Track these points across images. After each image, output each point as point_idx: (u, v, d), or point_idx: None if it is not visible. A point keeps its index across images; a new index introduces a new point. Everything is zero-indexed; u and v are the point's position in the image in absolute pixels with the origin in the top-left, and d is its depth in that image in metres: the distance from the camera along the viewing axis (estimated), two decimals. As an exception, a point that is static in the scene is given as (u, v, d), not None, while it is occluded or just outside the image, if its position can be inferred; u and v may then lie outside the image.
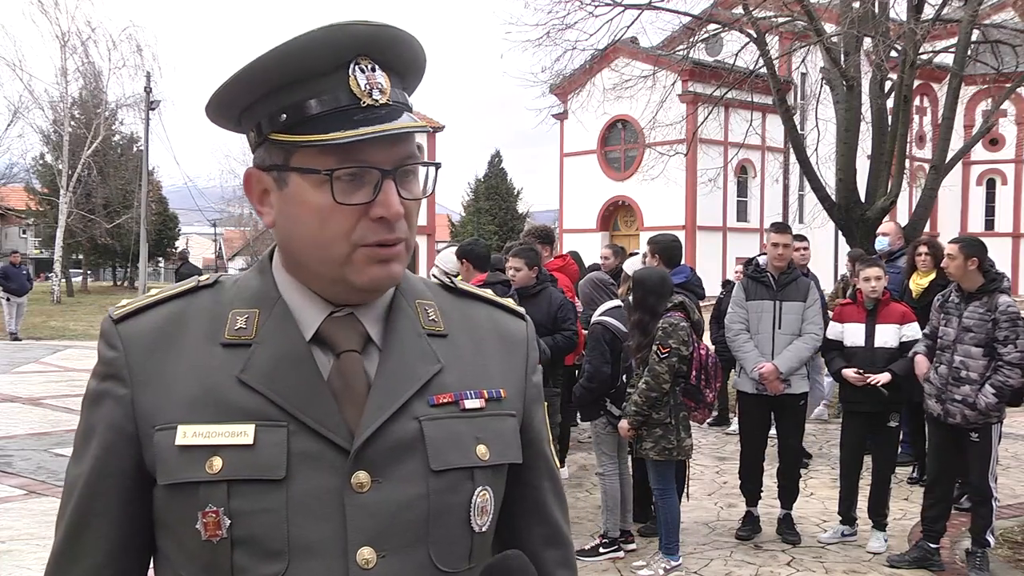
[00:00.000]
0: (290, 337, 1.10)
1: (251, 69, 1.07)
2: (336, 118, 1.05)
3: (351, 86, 1.07)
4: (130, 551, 1.12)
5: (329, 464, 1.06)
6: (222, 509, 1.03)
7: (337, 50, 1.06)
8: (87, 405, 1.13)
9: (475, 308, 1.25)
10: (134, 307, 1.14)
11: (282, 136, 1.08)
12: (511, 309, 1.29)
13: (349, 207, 1.06)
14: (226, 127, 1.17)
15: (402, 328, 1.15)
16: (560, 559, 1.29)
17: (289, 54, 1.06)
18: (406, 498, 1.08)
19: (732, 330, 5.99)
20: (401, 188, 1.08)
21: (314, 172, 1.06)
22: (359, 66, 1.07)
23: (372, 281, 1.09)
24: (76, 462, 1.13)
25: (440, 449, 1.10)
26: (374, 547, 1.05)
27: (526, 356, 1.26)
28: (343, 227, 1.07)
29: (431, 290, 1.23)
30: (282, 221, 1.11)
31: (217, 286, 1.16)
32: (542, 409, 1.29)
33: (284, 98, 1.07)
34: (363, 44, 1.07)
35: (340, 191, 1.06)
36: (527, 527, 1.26)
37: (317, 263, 1.10)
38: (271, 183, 1.11)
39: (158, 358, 1.09)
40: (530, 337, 1.28)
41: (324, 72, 1.07)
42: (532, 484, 1.26)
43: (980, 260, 5.07)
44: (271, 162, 1.10)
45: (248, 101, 1.10)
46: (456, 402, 1.14)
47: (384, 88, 1.09)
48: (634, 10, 13.66)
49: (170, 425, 1.06)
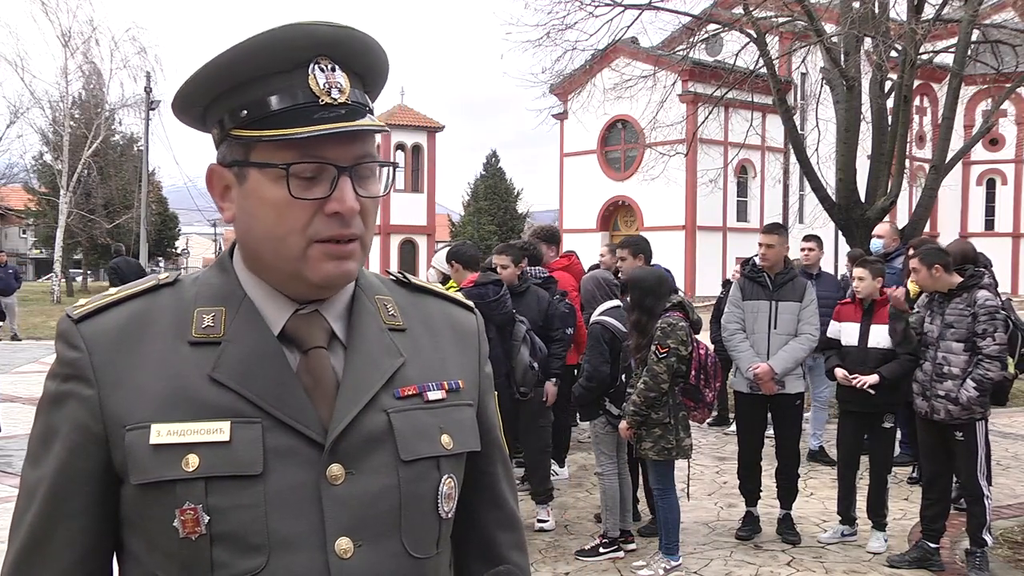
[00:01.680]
0: (259, 334, 1.12)
1: (213, 65, 1.10)
2: (295, 115, 1.08)
3: (310, 84, 1.09)
4: (98, 554, 1.12)
5: (304, 458, 1.08)
6: (200, 506, 1.04)
7: (298, 49, 1.09)
8: (46, 407, 1.12)
9: (428, 302, 1.29)
10: (94, 307, 1.13)
11: (242, 132, 1.10)
12: (461, 303, 1.34)
13: (305, 202, 1.08)
14: (192, 125, 1.19)
15: (365, 324, 1.18)
16: (513, 542, 1.34)
17: (251, 51, 1.08)
18: (379, 488, 1.11)
19: (728, 330, 6.02)
20: (358, 186, 1.11)
21: (272, 166, 1.08)
22: (319, 65, 1.10)
23: (326, 277, 1.11)
24: (34, 465, 1.12)
25: (408, 440, 1.13)
26: (351, 537, 1.08)
27: (478, 348, 1.31)
28: (299, 221, 1.09)
29: (387, 286, 1.27)
30: (241, 216, 1.14)
31: (177, 284, 1.17)
32: (493, 399, 1.34)
33: (245, 94, 1.10)
34: (323, 44, 1.10)
35: (296, 186, 1.08)
36: (482, 511, 1.31)
37: (274, 258, 1.12)
38: (232, 179, 1.13)
39: (124, 358, 1.09)
40: (480, 329, 1.33)
41: (284, 70, 1.09)
42: (487, 470, 1.30)
43: (943, 265, 5.13)
44: (232, 158, 1.13)
45: (210, 98, 1.13)
46: (420, 394, 1.18)
47: (343, 88, 1.11)
48: (634, 10, 13.64)
49: (142, 424, 1.06)
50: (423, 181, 40.27)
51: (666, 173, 18.67)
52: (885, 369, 5.51)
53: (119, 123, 37.74)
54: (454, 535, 1.24)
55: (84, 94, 34.55)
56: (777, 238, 5.93)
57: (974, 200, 35.75)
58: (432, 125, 40.68)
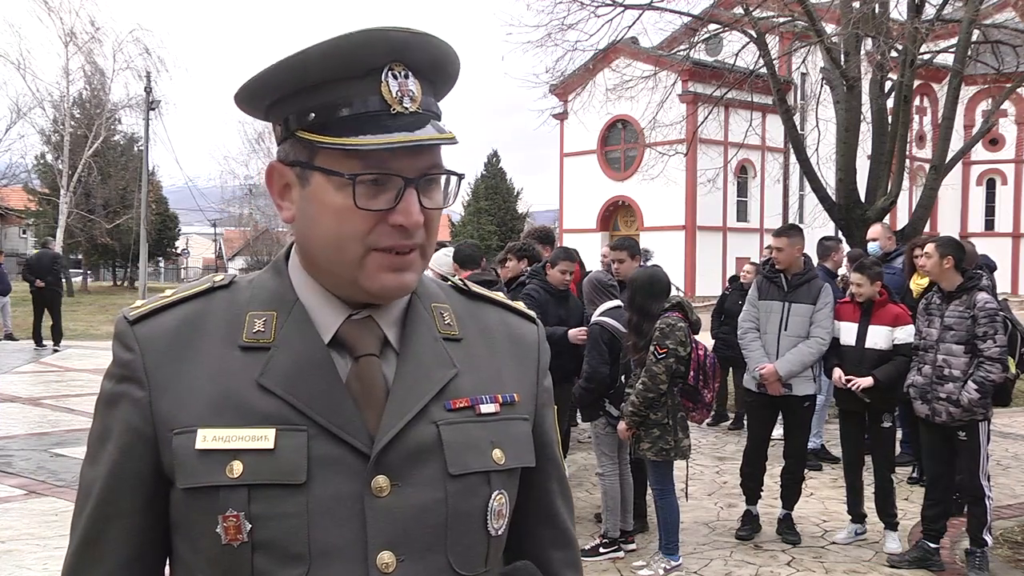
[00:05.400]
0: (309, 340, 1.10)
1: (286, 65, 1.07)
2: (364, 123, 1.05)
3: (383, 92, 1.06)
4: (148, 554, 1.12)
5: (349, 468, 1.06)
6: (243, 513, 1.03)
7: (372, 55, 1.06)
8: (102, 407, 1.12)
9: (487, 311, 1.26)
10: (149, 308, 1.13)
11: (309, 135, 1.08)
12: (521, 312, 1.30)
13: (369, 212, 1.06)
14: (252, 115, 1.18)
15: (419, 332, 1.15)
16: (567, 560, 1.30)
17: (324, 54, 1.06)
18: (425, 502, 1.08)
19: (742, 328, 6.03)
20: (423, 196, 1.09)
21: (337, 175, 1.06)
22: (392, 72, 1.07)
23: (384, 288, 1.10)
24: (92, 464, 1.12)
25: (458, 453, 1.11)
26: (393, 551, 1.06)
27: (537, 360, 1.27)
28: (360, 229, 1.07)
29: (445, 293, 1.24)
30: (301, 218, 1.12)
31: (232, 287, 1.16)
32: (552, 413, 1.30)
33: (315, 97, 1.07)
34: (398, 50, 1.07)
35: (362, 195, 1.06)
36: (536, 529, 1.27)
37: (331, 263, 1.10)
38: (293, 179, 1.12)
39: (175, 361, 1.09)
40: (541, 340, 1.29)
41: (357, 75, 1.06)
42: (542, 487, 1.27)
43: (956, 259, 5.14)
44: (295, 158, 1.11)
45: (278, 95, 1.10)
46: (472, 406, 1.14)
47: (415, 96, 1.08)
48: (634, 10, 13.65)
49: (189, 429, 1.06)
50: (423, 181, 40.15)
51: (666, 173, 18.69)
52: (880, 372, 5.53)
53: (119, 122, 37.73)
54: (506, 552, 1.21)
55: (85, 94, 34.56)
56: (786, 240, 5.90)
57: (974, 200, 35.72)
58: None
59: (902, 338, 5.57)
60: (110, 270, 48.52)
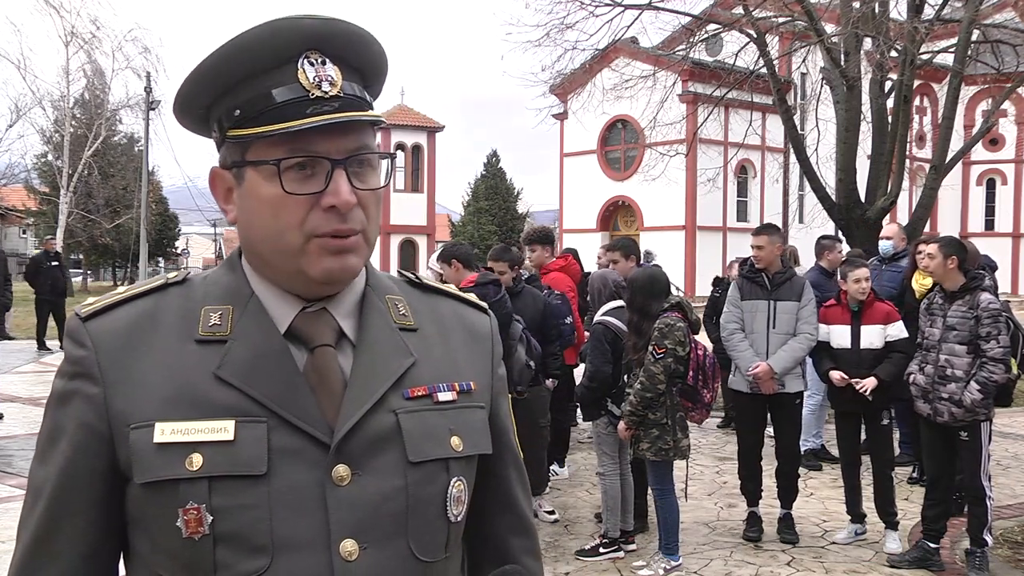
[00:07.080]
0: (266, 332, 1.11)
1: (203, 67, 1.09)
2: (286, 110, 1.06)
3: (299, 78, 1.07)
4: (104, 553, 1.11)
5: (310, 458, 1.06)
6: (204, 506, 1.03)
7: (286, 44, 1.08)
8: (54, 405, 1.12)
9: (441, 303, 1.28)
10: (102, 305, 1.13)
11: (238, 131, 1.09)
12: (474, 304, 1.32)
13: (300, 197, 1.07)
14: (195, 130, 1.18)
15: (375, 323, 1.16)
16: (526, 547, 1.32)
17: (238, 49, 1.07)
18: (386, 490, 1.09)
19: (727, 329, 6.01)
20: (355, 179, 1.09)
21: (264, 163, 1.08)
22: (308, 59, 1.08)
23: (326, 272, 1.10)
24: (42, 463, 1.11)
25: (417, 441, 1.12)
26: (356, 539, 1.07)
27: (491, 350, 1.29)
28: (295, 217, 1.08)
29: (399, 286, 1.25)
30: (242, 216, 1.13)
31: (187, 283, 1.16)
32: (507, 401, 1.32)
33: (239, 95, 1.09)
34: (311, 38, 1.08)
35: (290, 181, 1.07)
36: (494, 516, 1.29)
37: (274, 255, 1.11)
38: (232, 181, 1.13)
39: (130, 356, 1.09)
40: (494, 331, 1.31)
41: (273, 66, 1.08)
42: (499, 474, 1.28)
43: (959, 259, 5.13)
44: (231, 160, 1.12)
45: (206, 100, 1.12)
46: (430, 395, 1.16)
47: (335, 81, 1.09)
48: (634, 10, 13.66)
49: (147, 423, 1.05)
50: (423, 181, 40.25)
51: (666, 173, 18.70)
52: (881, 371, 5.53)
53: (119, 121, 37.73)
54: (466, 539, 1.23)
55: (86, 94, 34.56)
56: (767, 238, 5.91)
57: (974, 200, 35.73)
58: (432, 125, 40.65)
59: (895, 334, 5.59)
60: (110, 270, 48.56)
